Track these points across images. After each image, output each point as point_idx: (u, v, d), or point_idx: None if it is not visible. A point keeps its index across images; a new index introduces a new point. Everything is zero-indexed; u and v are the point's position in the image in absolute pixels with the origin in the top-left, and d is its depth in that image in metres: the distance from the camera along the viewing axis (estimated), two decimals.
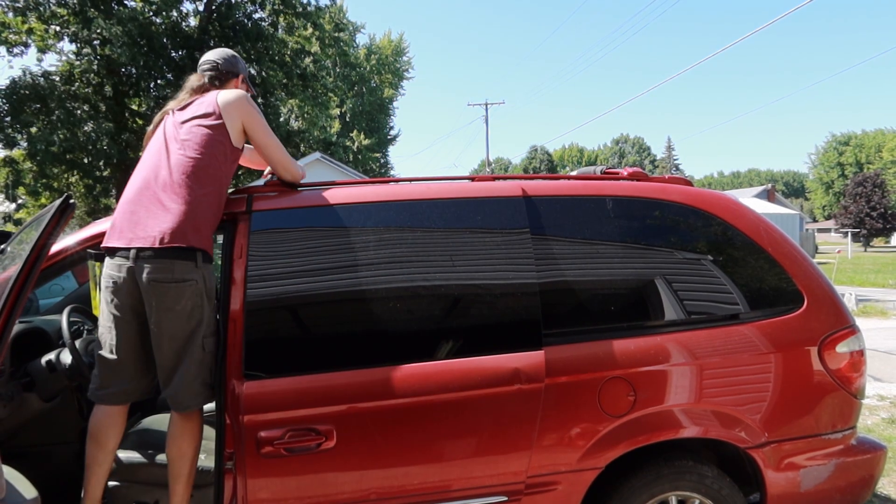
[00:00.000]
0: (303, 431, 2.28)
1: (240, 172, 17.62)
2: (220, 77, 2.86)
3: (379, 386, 2.35)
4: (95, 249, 2.65)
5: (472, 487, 2.43)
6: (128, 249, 2.37)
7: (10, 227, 17.67)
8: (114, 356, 2.46)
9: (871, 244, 54.22)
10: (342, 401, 2.33)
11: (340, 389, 2.34)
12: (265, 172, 2.99)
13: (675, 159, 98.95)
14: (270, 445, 2.26)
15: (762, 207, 36.61)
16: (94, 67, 15.04)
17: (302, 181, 2.78)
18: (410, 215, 2.59)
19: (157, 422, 2.99)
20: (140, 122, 16.20)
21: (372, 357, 2.42)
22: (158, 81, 16.09)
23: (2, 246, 3.03)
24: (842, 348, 2.63)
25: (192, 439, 2.48)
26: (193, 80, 2.82)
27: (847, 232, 45.42)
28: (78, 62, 15.21)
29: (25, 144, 14.73)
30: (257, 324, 2.39)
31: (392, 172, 46.79)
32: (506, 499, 2.45)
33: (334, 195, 2.61)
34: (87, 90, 15.21)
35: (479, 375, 2.40)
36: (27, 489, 2.14)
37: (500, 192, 2.65)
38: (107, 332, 2.48)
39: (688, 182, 2.97)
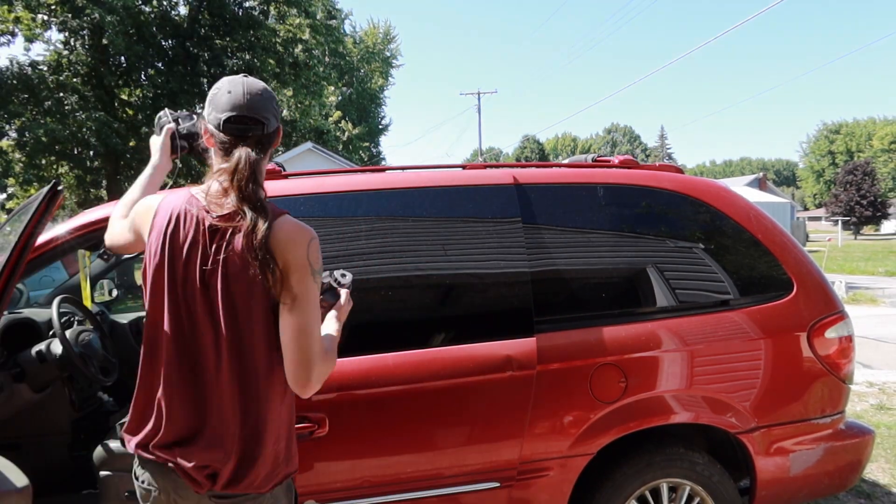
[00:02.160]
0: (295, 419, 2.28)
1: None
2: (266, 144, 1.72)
3: (371, 374, 2.35)
4: (86, 240, 2.64)
5: (465, 474, 2.44)
6: None
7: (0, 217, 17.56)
8: None
9: (861, 232, 54.52)
10: (334, 389, 2.32)
11: (332, 377, 2.34)
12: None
13: (667, 148, 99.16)
14: None
15: (754, 196, 36.70)
16: (85, 58, 14.90)
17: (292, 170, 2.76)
18: (402, 203, 2.58)
19: None
20: (130, 112, 16.08)
21: (364, 345, 2.42)
22: (149, 71, 15.96)
23: None
24: (831, 334, 2.65)
25: None
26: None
27: (837, 220, 45.69)
28: (66, 51, 15.07)
29: (14, 135, 14.61)
30: None
31: (384, 162, 46.65)
32: (498, 485, 2.46)
33: (325, 183, 2.60)
34: (75, 80, 15.06)
35: (472, 363, 2.40)
36: (18, 478, 2.13)
37: (491, 181, 2.65)
38: None
39: (678, 170, 2.98)
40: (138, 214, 1.73)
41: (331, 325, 1.72)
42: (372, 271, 2.47)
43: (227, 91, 1.62)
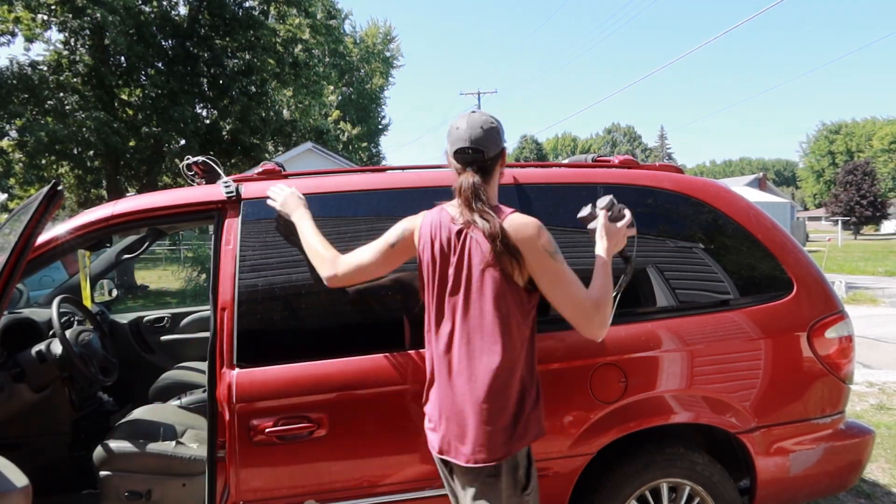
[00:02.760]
0: (294, 419, 2.28)
1: (232, 160, 17.52)
2: (487, 167, 2.04)
3: (369, 374, 2.35)
4: (86, 240, 2.64)
5: None
6: None
7: (0, 218, 17.53)
8: None
9: (860, 232, 54.50)
10: (334, 389, 2.32)
11: (332, 378, 2.34)
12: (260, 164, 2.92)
13: (667, 148, 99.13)
14: (262, 434, 2.26)
15: (754, 196, 36.68)
16: (86, 58, 14.89)
17: (292, 170, 2.76)
18: (401, 203, 2.58)
19: (148, 412, 2.98)
20: (131, 111, 16.07)
21: (363, 346, 2.42)
22: (149, 71, 15.95)
23: None
24: (831, 334, 2.65)
25: None
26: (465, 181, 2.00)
27: (837, 220, 45.70)
28: (66, 51, 15.05)
29: (15, 135, 14.60)
30: (249, 313, 2.38)
31: (383, 162, 46.64)
32: None
33: (326, 183, 2.60)
34: (75, 80, 15.05)
35: None
36: (18, 478, 2.13)
37: None
38: None
39: (678, 170, 2.97)
40: (402, 236, 2.13)
41: (600, 252, 2.08)
42: None
43: (456, 127, 2.04)
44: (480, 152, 2.00)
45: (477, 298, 1.93)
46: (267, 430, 2.25)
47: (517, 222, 1.93)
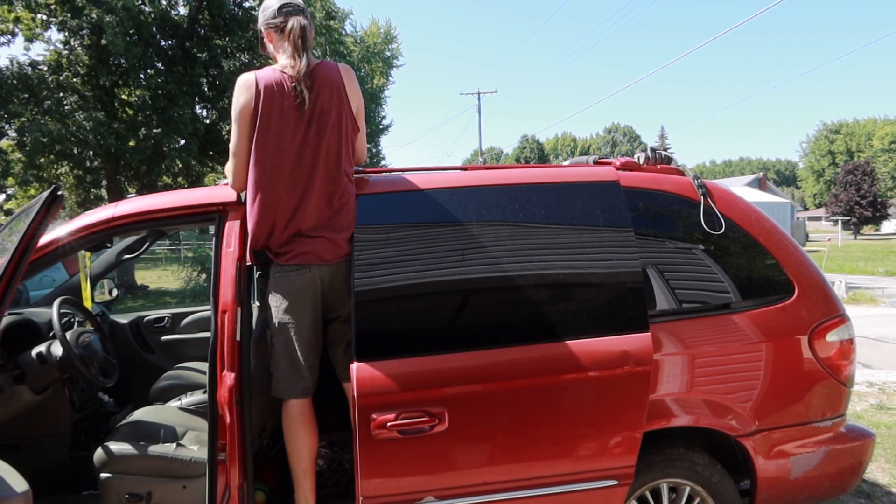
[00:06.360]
0: (415, 413, 2.27)
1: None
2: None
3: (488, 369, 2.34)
4: (87, 241, 2.65)
5: (580, 472, 2.43)
6: None
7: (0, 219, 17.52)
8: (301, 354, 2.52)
9: (860, 232, 54.49)
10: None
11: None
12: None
13: (667, 148, 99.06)
14: (384, 428, 2.25)
15: (754, 196, 36.75)
16: (84, 59, 14.86)
17: None
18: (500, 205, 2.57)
19: (149, 414, 2.98)
20: (130, 112, 16.04)
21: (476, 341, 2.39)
22: (149, 71, 15.92)
23: None
24: (832, 337, 2.65)
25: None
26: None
27: (837, 220, 45.68)
28: (66, 51, 15.02)
29: (14, 134, 14.58)
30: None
31: (384, 163, 46.62)
32: (616, 483, 2.45)
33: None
34: (74, 80, 15.03)
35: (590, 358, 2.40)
36: (18, 483, 2.13)
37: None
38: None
39: (680, 172, 2.96)
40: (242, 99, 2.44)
41: None
42: (485, 272, 2.45)
43: None
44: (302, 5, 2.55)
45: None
46: (388, 424, 2.24)
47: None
